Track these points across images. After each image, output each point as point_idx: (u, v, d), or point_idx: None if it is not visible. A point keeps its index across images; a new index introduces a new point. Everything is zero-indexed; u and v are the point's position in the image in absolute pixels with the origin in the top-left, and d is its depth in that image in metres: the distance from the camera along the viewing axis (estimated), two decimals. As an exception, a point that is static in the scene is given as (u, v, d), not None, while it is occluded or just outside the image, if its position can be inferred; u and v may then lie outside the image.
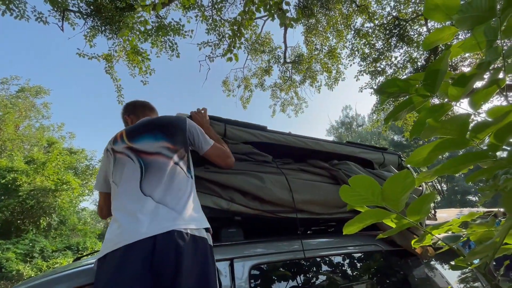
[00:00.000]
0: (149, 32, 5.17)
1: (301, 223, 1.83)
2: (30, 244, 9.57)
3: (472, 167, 0.65)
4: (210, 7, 6.16)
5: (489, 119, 0.58)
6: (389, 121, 0.73)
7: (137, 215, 0.95)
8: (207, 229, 1.04)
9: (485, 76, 0.56)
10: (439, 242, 0.78)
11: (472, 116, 0.61)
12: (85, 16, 4.77)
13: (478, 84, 0.58)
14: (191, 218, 1.00)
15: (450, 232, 0.85)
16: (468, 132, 0.58)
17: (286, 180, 1.47)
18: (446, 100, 0.62)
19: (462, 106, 0.62)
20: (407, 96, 0.64)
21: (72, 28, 5.12)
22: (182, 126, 1.21)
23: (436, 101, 0.66)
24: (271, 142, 1.58)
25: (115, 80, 5.79)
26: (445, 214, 2.63)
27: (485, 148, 0.57)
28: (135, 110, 1.40)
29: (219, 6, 6.06)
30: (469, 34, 0.58)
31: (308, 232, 2.03)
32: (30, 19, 4.63)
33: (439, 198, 21.87)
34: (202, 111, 1.44)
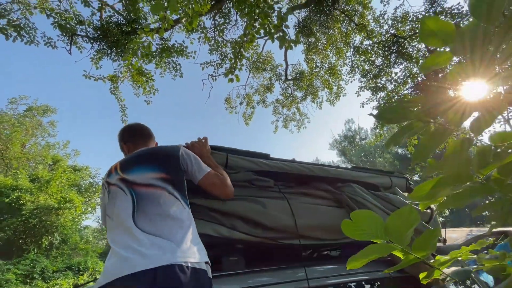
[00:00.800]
0: (153, 53, 5.33)
1: (304, 249, 1.78)
2: (31, 264, 9.41)
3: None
4: (212, 28, 6.37)
5: (492, 145, 0.57)
6: (390, 147, 0.72)
7: (134, 248, 0.93)
8: (206, 262, 1.02)
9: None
10: (448, 278, 0.75)
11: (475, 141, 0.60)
12: (92, 40, 4.95)
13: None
14: (191, 251, 0.98)
15: (460, 258, 0.82)
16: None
17: (288, 205, 1.45)
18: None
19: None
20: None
21: (79, 52, 5.30)
22: (175, 154, 1.19)
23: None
24: (275, 170, 1.57)
25: (120, 100, 5.91)
26: (454, 235, 2.55)
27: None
28: (132, 138, 1.36)
29: (221, 28, 6.26)
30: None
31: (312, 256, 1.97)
32: (39, 44, 4.81)
33: (447, 213, 21.28)
34: (203, 140, 1.42)
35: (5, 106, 15.63)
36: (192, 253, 0.97)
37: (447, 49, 0.55)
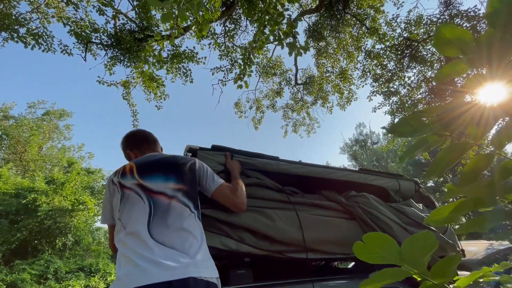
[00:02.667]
0: (165, 60, 5.43)
1: (313, 263, 1.73)
2: (45, 264, 9.67)
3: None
4: (223, 34, 6.43)
5: None
6: (404, 161, 0.69)
7: (148, 257, 0.92)
8: (217, 278, 1.01)
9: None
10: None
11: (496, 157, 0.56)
12: (106, 47, 5.09)
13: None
14: (204, 265, 0.97)
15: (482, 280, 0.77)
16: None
17: (297, 217, 1.41)
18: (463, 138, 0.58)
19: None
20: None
21: (94, 58, 5.46)
22: (193, 167, 1.19)
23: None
24: (280, 171, 1.55)
25: (132, 105, 6.04)
26: (474, 248, 2.42)
27: None
28: (138, 144, 1.35)
29: (231, 33, 6.31)
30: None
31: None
32: (56, 51, 4.99)
33: (464, 220, 20.48)
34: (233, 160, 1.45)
35: (24, 110, 16.31)
36: (205, 268, 0.97)
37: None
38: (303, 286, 1.28)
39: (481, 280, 0.77)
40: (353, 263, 1.67)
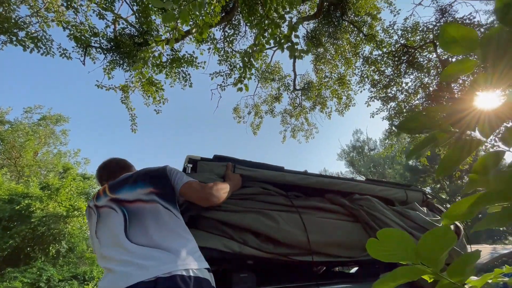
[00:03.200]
0: (164, 64, 5.43)
1: (318, 266, 1.69)
2: (38, 272, 9.42)
3: None
4: (222, 39, 6.47)
5: None
6: (411, 158, 0.67)
7: (128, 260, 0.90)
8: (208, 269, 0.98)
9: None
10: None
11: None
12: (105, 51, 5.09)
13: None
14: (190, 259, 0.94)
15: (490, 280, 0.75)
16: None
17: (301, 219, 1.38)
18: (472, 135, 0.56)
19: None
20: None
21: (93, 62, 5.45)
22: (162, 170, 1.20)
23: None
24: (285, 183, 1.52)
25: (130, 110, 6.00)
26: (476, 252, 2.38)
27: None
28: (112, 174, 1.34)
29: (230, 39, 6.35)
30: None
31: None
32: (55, 55, 4.97)
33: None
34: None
35: (20, 115, 16.17)
36: (192, 260, 0.94)
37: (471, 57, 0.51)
38: (308, 290, 1.24)
39: (489, 281, 0.75)
40: (359, 266, 1.63)
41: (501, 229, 18.91)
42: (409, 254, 0.54)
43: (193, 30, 3.48)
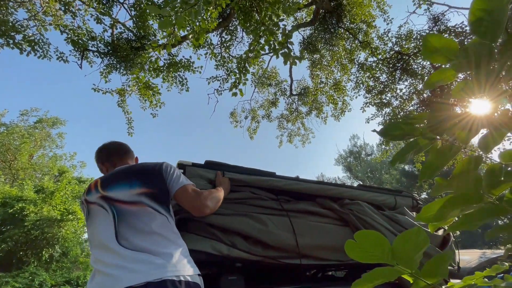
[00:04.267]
0: (161, 68, 5.47)
1: (306, 269, 1.71)
2: (30, 277, 9.27)
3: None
4: (219, 45, 6.54)
5: (503, 163, 0.54)
6: (396, 164, 0.70)
7: (118, 264, 0.90)
8: (198, 274, 0.99)
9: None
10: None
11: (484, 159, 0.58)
12: (102, 55, 5.12)
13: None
14: (181, 264, 0.94)
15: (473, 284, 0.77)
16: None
17: (290, 222, 1.40)
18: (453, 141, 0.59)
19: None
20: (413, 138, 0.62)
21: (89, 66, 5.47)
22: (158, 168, 1.16)
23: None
24: (276, 188, 1.54)
25: (127, 113, 6.02)
26: (467, 257, 2.41)
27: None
28: (108, 157, 1.33)
29: (227, 44, 6.42)
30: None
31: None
32: (52, 58, 4.99)
33: (458, 233, 20.53)
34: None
35: (16, 117, 16.08)
36: (183, 266, 0.94)
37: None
38: (296, 293, 1.25)
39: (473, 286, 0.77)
40: (347, 270, 1.65)
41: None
42: (385, 255, 0.56)
43: (190, 36, 3.52)
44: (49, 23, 5.06)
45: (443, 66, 0.57)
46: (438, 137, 0.60)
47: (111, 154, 1.33)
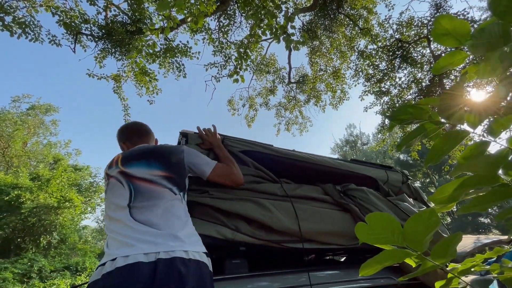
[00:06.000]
0: (158, 53, 5.33)
1: (308, 253, 1.73)
2: (29, 263, 9.35)
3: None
4: (217, 30, 6.37)
5: (510, 147, 0.54)
6: (402, 148, 0.69)
7: (132, 236, 0.93)
8: (206, 253, 1.01)
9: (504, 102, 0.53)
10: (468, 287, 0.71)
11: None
12: (96, 39, 4.96)
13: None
14: (189, 241, 0.97)
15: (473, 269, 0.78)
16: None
17: (292, 207, 1.40)
18: (461, 127, 0.59)
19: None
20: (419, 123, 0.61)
21: (83, 50, 5.30)
22: (179, 155, 1.20)
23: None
24: (272, 154, 1.56)
25: (123, 100, 5.91)
26: (461, 242, 2.46)
27: None
28: (130, 136, 1.38)
29: (225, 29, 6.26)
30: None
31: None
32: (44, 42, 4.82)
33: (449, 220, 21.07)
34: (212, 130, 1.45)
35: (8, 104, 15.71)
36: (192, 244, 0.97)
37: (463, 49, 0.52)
38: (299, 276, 1.27)
39: (472, 269, 0.78)
40: (347, 254, 1.68)
41: (485, 222, 19.55)
42: (396, 237, 0.56)
43: (188, 19, 3.41)
44: (39, 4, 4.85)
45: (443, 55, 0.55)
46: (446, 122, 0.59)
47: (132, 134, 1.38)
